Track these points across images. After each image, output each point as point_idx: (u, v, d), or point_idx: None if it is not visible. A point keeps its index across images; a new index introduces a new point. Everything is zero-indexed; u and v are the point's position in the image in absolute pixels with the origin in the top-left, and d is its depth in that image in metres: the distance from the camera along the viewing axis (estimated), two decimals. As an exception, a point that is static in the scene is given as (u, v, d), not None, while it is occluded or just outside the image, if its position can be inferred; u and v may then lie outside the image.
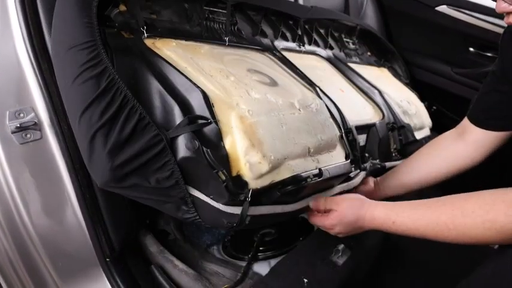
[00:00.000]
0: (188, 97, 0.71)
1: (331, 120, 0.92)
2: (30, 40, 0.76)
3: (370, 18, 1.92)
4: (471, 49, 1.66)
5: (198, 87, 0.71)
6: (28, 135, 0.77)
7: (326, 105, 0.97)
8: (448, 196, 0.73)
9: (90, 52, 0.64)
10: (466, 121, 1.00)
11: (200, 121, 0.69)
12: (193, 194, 0.69)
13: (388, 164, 1.21)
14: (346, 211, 0.81)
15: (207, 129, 0.69)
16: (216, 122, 0.69)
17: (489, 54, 1.61)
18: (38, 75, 0.77)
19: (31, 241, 0.80)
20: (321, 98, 0.99)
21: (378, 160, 1.18)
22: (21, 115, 0.76)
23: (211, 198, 0.70)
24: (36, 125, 0.78)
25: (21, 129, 0.76)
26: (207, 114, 0.70)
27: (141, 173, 0.66)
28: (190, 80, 0.72)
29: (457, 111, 1.62)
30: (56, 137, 0.80)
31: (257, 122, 0.73)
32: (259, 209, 0.74)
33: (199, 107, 0.70)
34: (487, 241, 0.66)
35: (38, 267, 0.82)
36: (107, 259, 0.87)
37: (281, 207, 0.78)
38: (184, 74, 0.73)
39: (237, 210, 0.70)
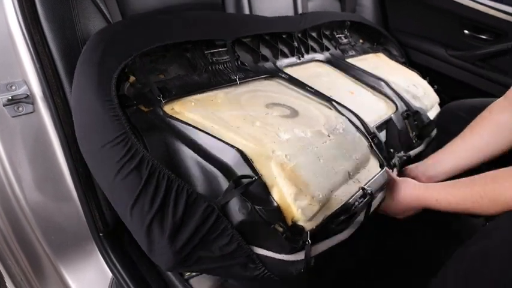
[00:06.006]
0: (225, 159, 0.71)
1: (358, 134, 0.93)
2: (22, 11, 0.75)
3: (366, -1, 1.92)
4: (466, 31, 1.65)
5: (232, 146, 0.71)
6: (20, 108, 0.76)
7: (348, 118, 0.97)
8: (489, 172, 0.77)
9: (124, 146, 0.64)
10: None
11: (245, 180, 0.69)
12: (255, 251, 0.70)
13: (412, 153, 1.22)
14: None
15: (254, 187, 0.69)
16: (260, 177, 0.69)
17: (484, 37, 1.60)
18: (30, 48, 0.76)
19: (23, 215, 0.79)
20: (340, 112, 0.99)
21: (402, 152, 1.19)
22: (13, 88, 0.75)
23: (273, 251, 0.71)
24: (29, 98, 0.77)
25: (13, 102, 0.75)
26: (248, 171, 0.70)
27: (202, 247, 0.67)
28: (222, 140, 0.72)
29: (451, 92, 1.63)
30: (48, 111, 0.79)
31: (297, 164, 0.73)
32: (319, 247, 0.75)
33: (239, 166, 0.70)
34: None
35: (31, 240, 0.82)
36: (100, 234, 0.86)
37: (337, 237, 0.79)
38: (214, 134, 0.73)
39: (300, 255, 0.71)
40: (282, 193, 0.70)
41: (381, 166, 0.93)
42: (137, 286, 0.83)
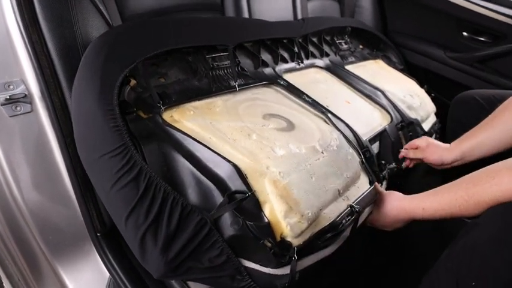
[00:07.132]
0: (220, 173, 0.72)
1: (351, 150, 0.95)
2: (20, 10, 0.74)
3: (365, 1, 1.91)
4: (464, 33, 1.67)
5: (228, 161, 0.72)
6: (18, 108, 0.76)
7: (342, 132, 0.99)
8: (466, 175, 0.82)
9: (123, 157, 0.65)
10: None
11: (238, 195, 0.71)
12: (243, 264, 0.73)
13: (404, 165, 1.25)
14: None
15: (246, 202, 0.71)
16: (253, 193, 0.71)
17: (482, 39, 1.62)
18: (29, 47, 0.75)
19: (21, 214, 0.80)
20: (335, 125, 1.01)
21: (393, 163, 1.22)
22: (11, 87, 0.75)
23: (260, 264, 0.73)
24: (27, 98, 0.77)
25: (11, 101, 0.75)
26: (242, 186, 0.71)
27: (193, 258, 0.69)
28: (219, 154, 0.73)
29: (448, 94, 1.65)
30: (46, 110, 0.79)
31: (289, 182, 0.75)
32: (304, 262, 0.77)
33: (233, 180, 0.72)
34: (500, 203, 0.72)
35: (28, 240, 0.82)
36: (98, 234, 0.87)
37: (322, 252, 0.81)
38: (211, 147, 0.74)
39: (286, 270, 0.74)
40: (273, 210, 0.72)
41: (371, 183, 0.96)
42: (135, 286, 0.85)
